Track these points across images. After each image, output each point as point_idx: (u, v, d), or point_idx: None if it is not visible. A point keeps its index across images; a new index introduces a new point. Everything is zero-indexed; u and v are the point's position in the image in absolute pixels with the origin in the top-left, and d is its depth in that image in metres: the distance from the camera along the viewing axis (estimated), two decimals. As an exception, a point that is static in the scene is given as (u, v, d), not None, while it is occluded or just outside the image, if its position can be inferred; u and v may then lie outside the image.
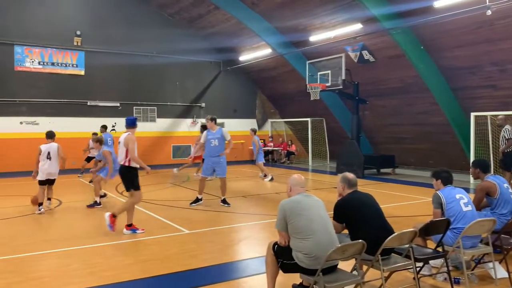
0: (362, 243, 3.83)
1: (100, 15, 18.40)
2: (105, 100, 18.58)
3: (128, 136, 7.13)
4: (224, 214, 8.80)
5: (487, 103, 13.46)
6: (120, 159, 7.19)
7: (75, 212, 9.14)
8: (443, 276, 4.83)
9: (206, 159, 9.59)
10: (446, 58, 13.53)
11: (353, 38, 14.63)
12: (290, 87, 20.40)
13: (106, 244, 6.50)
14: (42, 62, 17.30)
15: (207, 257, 5.88)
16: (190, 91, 20.86)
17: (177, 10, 19.10)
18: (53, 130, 9.78)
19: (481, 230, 4.70)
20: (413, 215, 8.41)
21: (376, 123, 17.47)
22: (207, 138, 9.37)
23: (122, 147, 7.14)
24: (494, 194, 5.43)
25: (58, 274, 5.18)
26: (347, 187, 4.54)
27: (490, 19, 11.26)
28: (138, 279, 5.03)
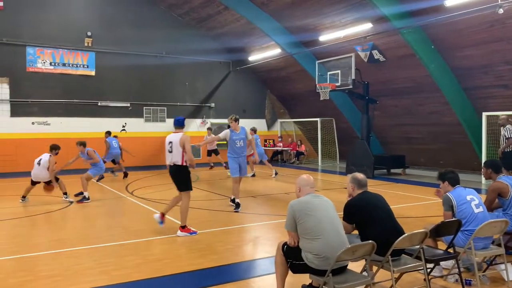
0: (372, 243, 3.81)
1: (110, 16, 18.55)
2: (115, 101, 18.71)
3: (183, 136, 7.07)
4: (233, 214, 8.81)
5: (500, 103, 13.31)
6: (175, 159, 7.09)
7: (87, 211, 9.23)
8: (454, 278, 4.79)
9: (231, 159, 9.26)
10: (457, 57, 13.41)
11: (363, 38, 14.56)
12: (300, 87, 20.36)
13: (117, 244, 6.55)
14: (54, 63, 17.48)
15: (217, 257, 5.90)
16: (199, 91, 20.93)
17: (186, 10, 19.17)
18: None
19: (493, 231, 4.66)
20: (423, 216, 8.35)
21: (386, 123, 17.37)
22: (231, 139, 9.13)
23: (176, 147, 7.04)
24: (506, 195, 5.36)
25: (70, 273, 5.23)
26: (357, 188, 4.52)
27: (502, 18, 11.13)
28: (149, 279, 5.07)
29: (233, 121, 9.15)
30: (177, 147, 7.04)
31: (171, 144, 7.12)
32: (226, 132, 9.26)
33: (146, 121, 19.45)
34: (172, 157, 7.11)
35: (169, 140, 7.20)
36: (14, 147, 16.62)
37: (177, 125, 7.34)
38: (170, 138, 7.20)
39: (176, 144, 7.04)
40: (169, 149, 7.15)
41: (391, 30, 13.64)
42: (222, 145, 18.45)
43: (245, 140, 9.26)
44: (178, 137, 7.08)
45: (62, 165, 10.86)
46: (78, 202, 10.03)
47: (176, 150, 7.06)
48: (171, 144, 7.12)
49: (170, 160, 7.16)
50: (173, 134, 7.23)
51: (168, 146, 7.17)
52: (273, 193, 11.49)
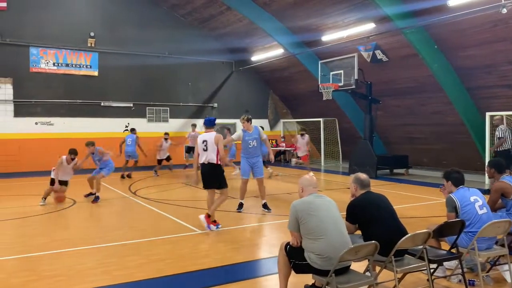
0: (375, 244, 3.81)
1: (113, 16, 18.59)
2: (118, 101, 18.75)
3: (217, 135, 7.30)
4: (236, 214, 8.81)
5: (503, 103, 13.25)
6: (210, 158, 7.25)
7: (90, 211, 9.25)
8: (458, 278, 4.78)
9: (243, 160, 9.11)
10: (460, 57, 13.37)
11: (366, 38, 14.53)
12: (302, 87, 20.34)
13: (120, 244, 6.56)
14: (57, 63, 17.53)
15: (220, 257, 5.90)
16: (202, 91, 20.95)
17: (189, 10, 19.19)
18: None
19: (496, 232, 4.64)
20: (426, 216, 8.33)
21: (389, 123, 17.33)
22: (244, 139, 8.96)
23: (211, 145, 7.22)
24: (509, 195, 5.34)
25: (73, 273, 5.24)
26: (360, 188, 4.51)
27: (505, 18, 11.09)
28: (152, 279, 5.07)
29: (245, 121, 8.95)
30: (212, 145, 7.23)
31: (206, 143, 7.29)
32: (239, 133, 9.15)
33: (149, 121, 19.47)
34: (207, 155, 7.27)
35: (203, 139, 7.37)
36: (17, 147, 16.67)
37: (208, 125, 7.52)
38: (204, 137, 7.36)
39: (211, 142, 7.24)
40: (204, 148, 7.30)
41: (394, 30, 13.61)
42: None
43: (259, 140, 9.02)
44: (212, 136, 7.29)
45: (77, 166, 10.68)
46: (93, 202, 10.03)
47: (211, 149, 7.24)
48: (206, 143, 7.29)
49: (205, 159, 7.30)
50: (206, 134, 7.42)
51: (203, 145, 7.33)
52: (276, 193, 11.48)
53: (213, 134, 7.32)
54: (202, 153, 7.35)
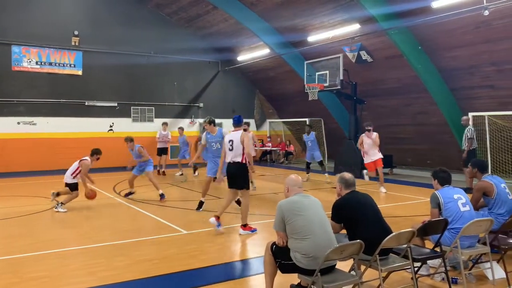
0: (360, 243, 3.84)
1: (97, 15, 18.38)
2: (102, 100, 18.56)
3: (243, 133, 7.28)
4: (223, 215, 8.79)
5: (486, 103, 13.49)
6: (236, 157, 7.21)
7: (74, 212, 9.13)
8: (441, 276, 4.85)
9: (209, 160, 9.23)
10: (444, 58, 13.56)
11: (351, 39, 14.65)
12: (289, 87, 20.41)
13: (106, 245, 6.50)
14: (40, 62, 17.27)
15: (206, 257, 5.89)
16: (188, 91, 20.86)
17: (175, 10, 19.10)
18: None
19: (478, 230, 4.72)
20: (411, 215, 8.43)
21: (374, 123, 17.33)
22: (208, 141, 9.00)
23: (237, 144, 7.18)
24: (491, 194, 5.45)
25: (57, 274, 5.18)
26: (344, 187, 4.56)
27: (488, 19, 11.29)
28: (138, 279, 5.04)
29: (207, 124, 9.01)
30: (238, 144, 7.19)
31: (232, 142, 7.27)
32: (204, 136, 9.25)
33: (133, 121, 19.31)
34: (233, 155, 7.23)
35: (229, 138, 7.35)
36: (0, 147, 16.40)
37: (236, 124, 7.50)
38: (231, 137, 7.34)
39: (237, 142, 7.20)
40: (230, 147, 7.29)
41: (379, 31, 13.74)
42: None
43: (222, 142, 8.49)
44: (238, 135, 7.25)
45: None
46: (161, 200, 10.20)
47: (237, 148, 7.20)
48: (232, 142, 7.27)
49: (231, 158, 7.28)
50: (233, 133, 7.40)
51: (229, 144, 7.32)
52: (261, 193, 11.50)
53: (239, 133, 7.29)
54: (228, 152, 7.35)
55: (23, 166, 16.59)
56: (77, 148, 17.77)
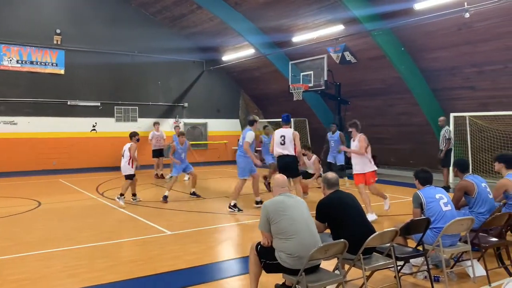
0: (344, 242, 3.87)
1: (80, 13, 18.13)
2: (85, 100, 18.32)
3: (295, 132, 8.58)
4: (207, 215, 8.78)
5: (466, 104, 13.71)
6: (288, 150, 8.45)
7: (55, 213, 9.00)
8: (423, 275, 4.91)
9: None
10: (426, 59, 13.74)
11: (335, 39, 14.73)
12: (273, 88, 20.43)
13: (88, 246, 6.42)
14: (21, 61, 16.96)
15: (191, 258, 5.86)
16: (172, 90, 20.73)
17: (159, 9, 18.96)
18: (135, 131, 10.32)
19: (460, 229, 4.79)
20: (394, 215, 8.52)
21: (358, 123, 17.61)
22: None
23: (289, 140, 8.43)
24: (472, 193, 5.55)
25: (39, 276, 5.10)
26: (327, 187, 4.60)
27: (469, 22, 11.47)
28: (121, 281, 4.99)
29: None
30: (290, 140, 8.45)
31: (283, 138, 8.48)
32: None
33: (117, 120, 19.11)
34: (285, 148, 8.47)
35: (281, 134, 8.57)
36: (-21, 147, 16.07)
37: (285, 122, 8.75)
38: (282, 132, 8.58)
39: (289, 137, 8.46)
40: (282, 142, 8.45)
41: (362, 32, 13.85)
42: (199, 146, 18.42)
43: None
44: (290, 132, 8.56)
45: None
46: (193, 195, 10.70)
47: (288, 142, 8.44)
48: (283, 138, 8.48)
49: (282, 151, 8.47)
50: (283, 129, 8.62)
51: (281, 139, 8.49)
52: (246, 193, 11.49)
53: (290, 130, 8.61)
54: (280, 146, 8.47)
55: (4, 166, 16.27)
56: (59, 148, 17.59)
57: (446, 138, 12.14)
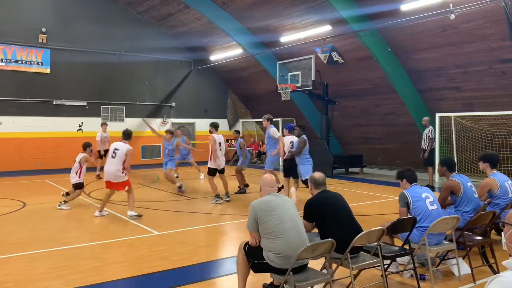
0: (332, 241, 3.89)
1: (66, 11, 17.93)
2: (71, 99, 18.13)
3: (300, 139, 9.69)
4: (194, 215, 8.75)
5: (451, 104, 13.89)
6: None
7: (40, 214, 8.88)
8: (410, 273, 4.96)
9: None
10: (412, 60, 13.88)
11: (323, 40, 14.80)
12: (261, 87, 20.46)
13: (74, 247, 6.35)
14: (5, 60, 16.71)
15: (178, 258, 5.84)
16: (159, 90, 20.62)
17: (146, 8, 18.84)
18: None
19: (445, 228, 4.85)
20: (380, 214, 8.59)
21: (345, 123, 17.75)
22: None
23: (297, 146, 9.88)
24: (458, 193, 5.61)
25: (23, 278, 5.03)
26: (314, 187, 4.62)
27: (454, 23, 11.63)
28: (107, 282, 4.94)
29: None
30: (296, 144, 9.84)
31: (292, 143, 9.98)
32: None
33: (104, 120, 18.93)
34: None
35: (291, 140, 10.05)
36: (-38, 147, 15.80)
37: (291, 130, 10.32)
38: (292, 139, 10.06)
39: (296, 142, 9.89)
40: (291, 147, 9.95)
41: (350, 32, 13.94)
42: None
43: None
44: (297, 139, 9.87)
45: None
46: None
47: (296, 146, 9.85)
48: (292, 143, 9.98)
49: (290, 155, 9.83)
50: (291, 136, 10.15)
51: (290, 144, 9.96)
52: (234, 192, 11.49)
53: (296, 138, 9.95)
54: (290, 150, 9.83)
55: (-13, 167, 16.03)
56: (45, 148, 17.37)
57: (429, 137, 12.32)
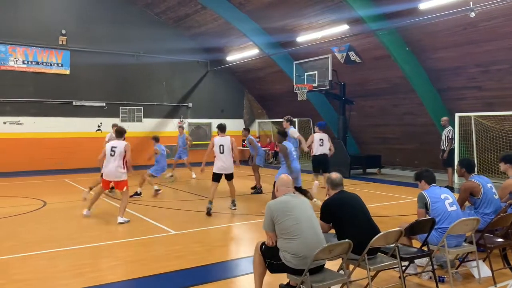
0: (349, 242, 3.86)
1: (85, 14, 18.21)
2: (91, 100, 18.40)
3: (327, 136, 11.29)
4: (212, 215, 8.78)
5: (471, 104, 13.66)
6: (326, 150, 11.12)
7: (60, 213, 9.04)
8: (428, 275, 4.90)
9: None
10: (431, 59, 13.70)
11: (340, 39, 14.71)
12: (278, 88, 20.44)
13: (92, 246, 6.45)
14: (27, 61, 17.06)
15: (194, 257, 5.87)
16: (177, 91, 20.77)
17: (163, 9, 19.01)
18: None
19: (465, 229, 4.77)
20: (398, 215, 8.50)
21: (363, 123, 17.60)
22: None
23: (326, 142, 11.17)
24: (477, 194, 5.51)
25: (44, 275, 5.12)
26: (331, 188, 4.60)
27: (474, 21, 11.43)
28: (125, 280, 5.01)
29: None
30: (327, 141, 11.19)
31: (322, 141, 11.07)
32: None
33: (122, 120, 19.15)
34: (324, 149, 11.09)
35: (320, 137, 11.10)
36: (-15, 147, 16.16)
37: (323, 127, 11.53)
38: (321, 136, 11.14)
39: (326, 139, 11.16)
40: (320, 144, 11.05)
41: (367, 31, 13.83)
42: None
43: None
44: (326, 135, 11.26)
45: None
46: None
47: (326, 143, 11.14)
48: (322, 141, 11.07)
49: (322, 151, 11.04)
50: (321, 134, 11.23)
51: (320, 141, 11.04)
52: (249, 192, 11.50)
53: (326, 135, 11.15)
54: (318, 147, 11.00)
55: (9, 166, 16.37)
56: (64, 148, 17.67)
57: (449, 138, 12.13)
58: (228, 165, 8.88)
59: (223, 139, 8.94)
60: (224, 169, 8.83)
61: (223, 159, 8.80)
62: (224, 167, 8.82)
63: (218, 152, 8.82)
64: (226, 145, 8.85)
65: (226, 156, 8.82)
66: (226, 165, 8.84)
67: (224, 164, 8.81)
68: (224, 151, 8.81)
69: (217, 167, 8.86)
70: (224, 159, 8.81)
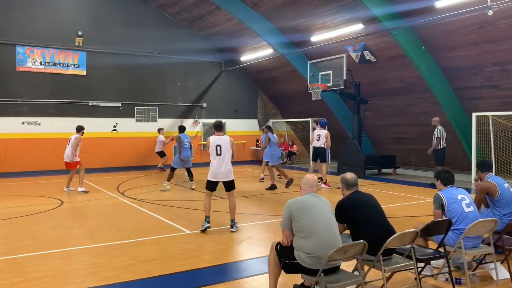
0: (364, 243, 3.83)
1: (101, 15, 18.42)
2: (106, 100, 18.59)
3: (327, 132, 12.84)
4: (224, 215, 8.78)
5: (489, 103, 13.43)
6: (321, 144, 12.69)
7: (76, 212, 9.16)
8: (445, 277, 4.83)
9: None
10: (447, 58, 13.51)
11: (355, 38, 14.61)
12: (292, 87, 20.39)
13: (108, 244, 6.51)
14: (44, 63, 17.32)
15: (209, 257, 5.88)
16: (191, 91, 20.87)
17: (178, 10, 19.11)
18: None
19: (482, 231, 4.69)
20: (414, 216, 8.40)
21: (378, 123, 17.45)
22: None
23: (322, 138, 12.68)
24: (494, 195, 5.41)
25: (60, 274, 5.19)
26: (346, 188, 4.56)
27: (492, 19, 11.23)
28: (139, 279, 5.04)
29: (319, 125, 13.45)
30: (323, 137, 12.66)
31: (319, 136, 12.69)
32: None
33: (137, 121, 19.34)
34: (319, 143, 12.69)
35: (318, 133, 12.77)
36: (3, 147, 16.44)
37: (323, 125, 12.97)
38: (319, 132, 12.77)
39: (323, 136, 12.67)
40: (317, 138, 12.71)
41: (382, 31, 13.70)
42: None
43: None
44: (324, 132, 12.70)
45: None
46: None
47: (322, 138, 12.69)
48: (319, 136, 12.69)
49: (317, 144, 12.75)
50: (321, 130, 12.80)
51: (317, 136, 12.73)
52: (265, 193, 11.49)
53: (324, 131, 12.74)
54: (315, 142, 12.74)
55: (27, 166, 16.65)
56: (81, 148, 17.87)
57: (436, 137, 12.36)
58: (227, 170, 7.31)
59: (221, 139, 7.35)
60: (222, 176, 7.29)
61: (221, 163, 7.26)
62: (222, 173, 7.28)
63: (214, 155, 7.28)
64: (224, 146, 7.30)
65: (224, 159, 7.28)
66: (224, 170, 7.28)
67: (221, 169, 7.27)
68: (221, 152, 7.28)
69: (212, 174, 7.31)
70: (221, 163, 7.26)
